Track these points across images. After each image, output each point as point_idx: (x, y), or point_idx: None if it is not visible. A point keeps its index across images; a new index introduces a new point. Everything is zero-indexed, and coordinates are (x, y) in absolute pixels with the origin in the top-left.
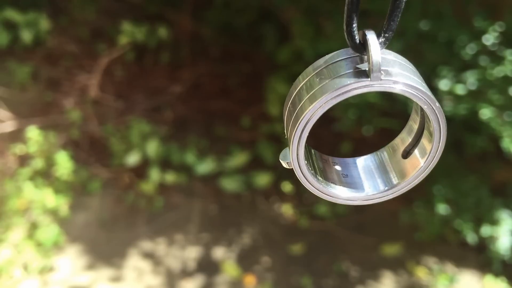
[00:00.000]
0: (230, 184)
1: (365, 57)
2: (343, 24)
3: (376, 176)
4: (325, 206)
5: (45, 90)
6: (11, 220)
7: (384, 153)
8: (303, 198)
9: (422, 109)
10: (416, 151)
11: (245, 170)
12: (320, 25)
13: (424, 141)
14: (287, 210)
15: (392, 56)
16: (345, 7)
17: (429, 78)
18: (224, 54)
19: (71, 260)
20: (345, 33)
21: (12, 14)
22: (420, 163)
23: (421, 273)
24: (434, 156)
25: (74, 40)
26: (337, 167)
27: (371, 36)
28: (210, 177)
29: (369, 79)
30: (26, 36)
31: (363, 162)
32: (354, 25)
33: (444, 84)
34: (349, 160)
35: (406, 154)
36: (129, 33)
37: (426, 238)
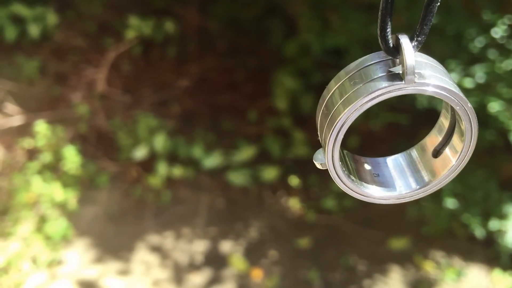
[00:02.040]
0: (237, 178)
1: (397, 60)
2: (377, 29)
3: (408, 174)
4: (332, 200)
5: (53, 85)
6: (20, 214)
7: (414, 151)
8: (310, 192)
9: (453, 109)
10: (447, 150)
11: (252, 164)
12: (327, 18)
13: (455, 140)
14: (294, 204)
15: (423, 59)
16: (379, 12)
17: None
18: (231, 48)
19: (79, 253)
20: (379, 37)
21: (20, 9)
22: (452, 162)
23: (428, 267)
24: (466, 155)
25: (82, 34)
26: (368, 167)
27: (404, 40)
28: (217, 171)
29: (403, 82)
30: (34, 30)
31: (393, 162)
32: (388, 30)
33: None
34: (380, 159)
35: (437, 153)
36: (136, 27)
37: (434, 232)
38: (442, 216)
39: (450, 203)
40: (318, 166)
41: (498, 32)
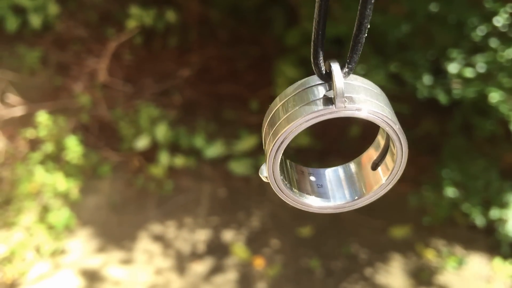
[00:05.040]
0: (239, 168)
1: (332, 84)
2: (310, 57)
3: (344, 187)
4: None
5: (55, 75)
6: (23, 204)
7: (353, 165)
8: None
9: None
10: (380, 168)
11: (254, 153)
12: (328, 7)
13: (388, 158)
14: None
15: (358, 82)
16: (312, 42)
17: (438, 61)
18: (232, 38)
19: (82, 242)
20: (312, 65)
21: None
22: (382, 180)
23: (429, 256)
24: (397, 173)
25: (83, 24)
26: (312, 178)
27: (335, 67)
28: (219, 161)
29: (334, 106)
30: (35, 20)
31: (333, 173)
32: (320, 58)
33: (453, 67)
34: (322, 170)
35: (375, 166)
36: (137, 17)
37: (435, 221)
38: (443, 205)
39: (451, 192)
40: (264, 179)
41: (500, 20)
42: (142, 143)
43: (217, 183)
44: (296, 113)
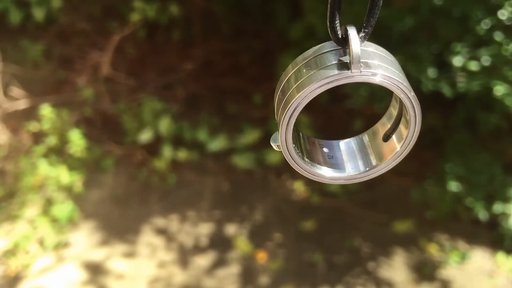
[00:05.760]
0: (242, 161)
1: (348, 50)
2: (327, 20)
3: (358, 157)
4: None
5: (58, 68)
6: (26, 197)
7: (365, 136)
8: None
9: (399, 98)
10: (394, 137)
11: (257, 147)
12: None
13: (401, 127)
14: (299, 187)
15: (373, 49)
16: (328, 5)
17: (443, 54)
18: (236, 31)
19: (85, 236)
20: (328, 28)
21: None
22: (397, 148)
23: (432, 250)
24: (410, 141)
25: (86, 17)
26: (324, 149)
27: (351, 31)
28: (222, 154)
29: (350, 71)
30: (38, 14)
31: (346, 145)
32: (336, 22)
33: (457, 60)
34: (334, 142)
35: (387, 138)
36: (141, 10)
37: (438, 215)
38: (447, 199)
39: (455, 186)
40: (275, 147)
41: (505, 14)
42: (145, 136)
43: (220, 176)
44: (310, 78)
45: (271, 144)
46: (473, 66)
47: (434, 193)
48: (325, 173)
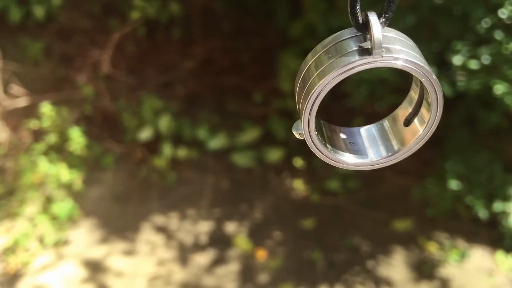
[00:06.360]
0: (242, 160)
1: (368, 36)
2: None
3: (379, 143)
4: (336, 181)
5: (58, 66)
6: (26, 194)
7: (386, 122)
8: (315, 173)
9: (421, 82)
10: (416, 120)
11: (257, 145)
12: None
13: (423, 111)
14: (298, 185)
15: (393, 34)
16: None
17: (443, 53)
18: (236, 29)
19: (85, 233)
20: (349, 14)
21: None
22: (420, 131)
23: (432, 249)
24: (432, 125)
25: (86, 15)
26: (344, 136)
27: (372, 17)
28: (222, 153)
29: (371, 56)
30: (38, 11)
31: (367, 131)
32: (357, 7)
33: (458, 59)
34: (355, 129)
35: (408, 122)
36: (141, 8)
37: (438, 214)
38: (446, 198)
39: (454, 184)
40: (297, 136)
41: (505, 12)
42: (145, 134)
43: (220, 175)
44: (332, 64)
45: (293, 132)
46: (473, 64)
47: (434, 192)
48: (347, 159)
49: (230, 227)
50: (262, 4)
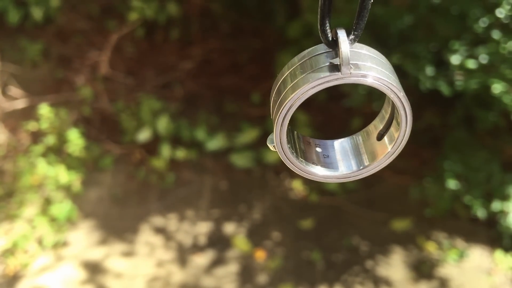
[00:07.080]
0: (240, 160)
1: (338, 52)
2: (317, 24)
3: (351, 157)
4: None
5: (56, 67)
6: (25, 196)
7: (359, 136)
8: None
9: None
10: (386, 138)
11: (256, 146)
12: None
13: (392, 129)
14: (297, 185)
15: (365, 51)
16: (318, 9)
17: (441, 53)
18: (234, 30)
19: (84, 235)
20: (319, 31)
21: None
22: (388, 149)
23: (431, 248)
24: (401, 142)
25: (85, 17)
26: (319, 149)
27: (341, 34)
28: (220, 153)
29: (340, 72)
30: (37, 13)
31: (340, 144)
32: (327, 25)
33: (455, 59)
34: (329, 142)
35: (380, 137)
36: (139, 9)
37: (436, 214)
38: (445, 198)
39: (453, 184)
40: (271, 148)
41: (502, 12)
42: (143, 135)
43: (219, 175)
44: (302, 80)
45: (268, 144)
46: (471, 64)
47: (432, 191)
48: (318, 171)
49: (229, 227)
50: (260, 5)
